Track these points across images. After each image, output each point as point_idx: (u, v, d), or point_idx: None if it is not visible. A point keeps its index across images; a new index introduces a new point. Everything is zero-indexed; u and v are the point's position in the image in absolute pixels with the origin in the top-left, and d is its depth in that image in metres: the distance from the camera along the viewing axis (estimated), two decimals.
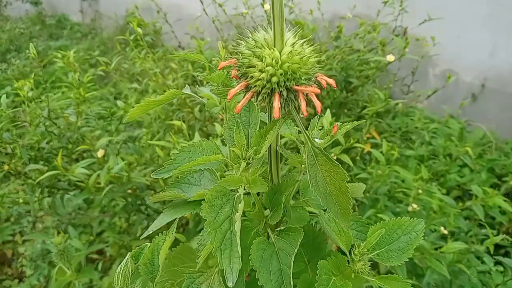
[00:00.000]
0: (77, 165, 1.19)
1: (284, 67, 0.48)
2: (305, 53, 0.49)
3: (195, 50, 2.03)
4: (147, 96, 1.89)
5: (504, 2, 2.72)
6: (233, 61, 0.53)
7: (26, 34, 4.83)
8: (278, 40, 0.48)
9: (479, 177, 2.52)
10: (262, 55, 0.48)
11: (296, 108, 0.50)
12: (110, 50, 4.57)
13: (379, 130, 1.83)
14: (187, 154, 0.52)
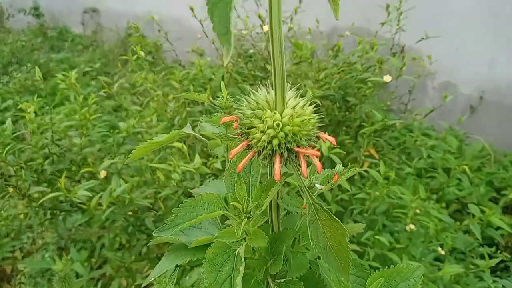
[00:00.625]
0: (79, 187, 1.21)
1: (285, 129, 0.49)
2: (306, 116, 0.50)
3: (195, 67, 2.06)
4: (148, 114, 1.91)
5: (501, 16, 2.76)
6: (235, 118, 0.55)
7: (28, 47, 4.87)
8: (280, 102, 0.50)
9: (478, 191, 2.53)
10: (263, 117, 0.50)
11: (296, 167, 0.52)
12: (111, 62, 4.61)
13: (378, 146, 1.85)
14: (189, 209, 0.54)
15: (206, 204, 0.54)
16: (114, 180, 1.23)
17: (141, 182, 1.41)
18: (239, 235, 0.50)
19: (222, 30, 0.40)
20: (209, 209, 0.55)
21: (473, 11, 2.88)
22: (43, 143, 1.33)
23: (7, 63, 4.73)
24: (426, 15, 3.03)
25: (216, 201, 0.54)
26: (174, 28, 4.60)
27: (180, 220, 0.52)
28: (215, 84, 2.01)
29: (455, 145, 2.98)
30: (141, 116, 2.11)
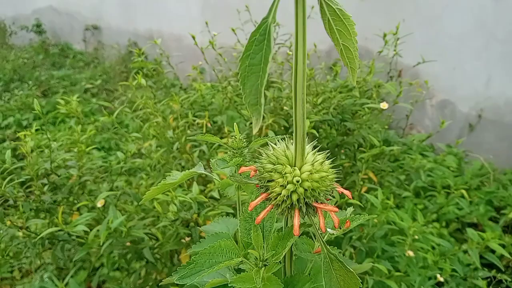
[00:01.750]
0: (77, 220, 1.22)
1: (305, 185, 0.51)
2: (324, 172, 0.52)
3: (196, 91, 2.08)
4: (147, 137, 1.92)
5: (497, 35, 2.79)
6: (253, 168, 0.57)
7: (29, 64, 4.92)
8: (299, 158, 0.51)
9: (477, 210, 2.52)
10: (283, 172, 0.51)
11: (313, 221, 0.53)
12: (112, 79, 4.64)
13: (376, 169, 1.85)
14: (208, 256, 0.55)
15: (224, 251, 0.56)
16: (111, 211, 1.23)
17: (139, 209, 1.41)
18: (259, 284, 0.51)
19: (253, 100, 0.43)
20: (227, 256, 0.57)
21: (470, 31, 2.91)
22: (41, 173, 1.34)
23: (9, 80, 4.78)
24: (423, 35, 3.07)
25: (234, 248, 0.56)
26: (175, 45, 4.65)
27: (200, 267, 0.54)
28: (214, 107, 2.03)
29: (455, 163, 2.98)
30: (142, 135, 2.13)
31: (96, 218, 1.41)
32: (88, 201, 1.26)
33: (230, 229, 0.89)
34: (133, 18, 4.88)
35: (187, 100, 1.80)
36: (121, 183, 1.53)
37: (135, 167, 1.52)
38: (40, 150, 1.50)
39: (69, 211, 1.38)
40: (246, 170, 0.60)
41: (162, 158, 1.59)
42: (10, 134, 3.92)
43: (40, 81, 4.67)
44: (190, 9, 4.18)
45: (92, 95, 4.54)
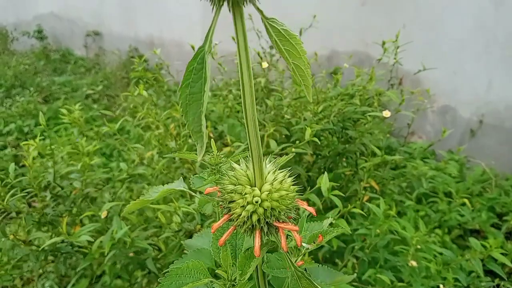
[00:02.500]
0: (81, 230, 1.22)
1: (264, 205, 0.51)
2: (284, 190, 0.52)
3: None
4: (149, 145, 1.93)
5: (497, 38, 2.79)
6: (217, 189, 0.57)
7: (31, 70, 4.93)
8: (258, 178, 0.52)
9: (480, 217, 2.52)
10: (243, 192, 0.51)
11: (278, 239, 0.53)
12: (113, 84, 4.65)
13: (378, 178, 1.85)
14: (175, 278, 0.55)
15: (192, 272, 0.56)
16: (115, 221, 1.23)
17: (142, 220, 1.41)
18: None
19: (196, 128, 0.43)
20: (195, 277, 0.57)
21: (470, 36, 2.92)
22: (44, 185, 1.34)
23: (10, 86, 4.79)
24: (424, 39, 3.08)
25: (202, 269, 0.56)
26: (176, 51, 4.67)
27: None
28: (215, 115, 2.03)
29: (456, 169, 2.98)
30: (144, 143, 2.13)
31: (99, 229, 1.41)
32: (92, 211, 1.26)
33: None
34: (134, 24, 4.90)
35: None
36: (124, 193, 1.53)
37: (137, 174, 1.52)
38: (43, 159, 1.50)
39: (71, 223, 1.38)
40: (211, 191, 0.60)
41: (164, 167, 1.59)
42: (12, 140, 3.92)
43: (41, 87, 4.68)
44: (191, 15, 4.20)
45: (93, 101, 4.55)
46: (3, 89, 4.82)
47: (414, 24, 3.14)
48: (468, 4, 2.84)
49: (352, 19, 3.36)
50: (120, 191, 1.47)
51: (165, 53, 4.70)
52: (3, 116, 4.20)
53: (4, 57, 5.66)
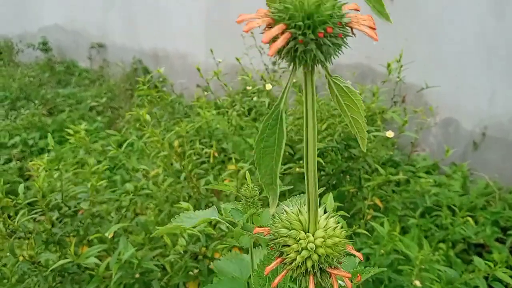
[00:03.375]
0: (88, 251, 1.23)
1: (319, 251, 0.53)
2: (338, 237, 0.54)
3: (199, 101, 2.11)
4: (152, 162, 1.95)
5: (499, 52, 2.81)
6: (267, 230, 0.59)
7: (35, 82, 4.99)
8: (312, 224, 0.53)
9: (484, 232, 2.52)
10: (297, 237, 0.53)
11: (328, 283, 0.55)
12: (117, 96, 4.69)
13: (382, 195, 1.86)
14: None
15: None
16: (122, 242, 1.25)
17: (147, 240, 1.43)
18: None
19: (268, 180, 0.45)
20: None
21: (472, 49, 2.94)
22: (52, 205, 1.36)
23: (15, 98, 4.84)
24: (426, 52, 3.10)
25: None
26: (179, 62, 4.71)
27: None
28: (219, 132, 2.05)
29: (460, 183, 2.98)
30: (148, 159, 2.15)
31: (105, 248, 1.42)
32: (99, 233, 1.27)
33: (243, 273, 0.90)
34: (138, 36, 4.95)
35: (192, 127, 1.82)
36: (129, 212, 1.55)
37: (144, 195, 1.54)
38: (50, 179, 1.52)
39: (78, 242, 1.39)
40: (260, 231, 0.61)
41: (169, 187, 1.61)
42: (16, 153, 3.95)
43: (46, 100, 4.72)
44: (194, 28, 4.24)
45: (97, 113, 4.59)
46: (8, 101, 4.86)
47: (416, 38, 3.16)
48: (469, 18, 2.87)
49: (355, 32, 3.39)
50: (127, 213, 1.49)
51: (169, 65, 4.74)
52: (8, 129, 4.23)
53: (9, 69, 5.72)
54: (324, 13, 0.42)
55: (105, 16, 5.25)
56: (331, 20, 0.42)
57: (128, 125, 4.31)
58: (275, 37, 0.41)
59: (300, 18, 0.41)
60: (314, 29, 0.41)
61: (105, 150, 1.87)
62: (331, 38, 0.43)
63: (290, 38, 0.41)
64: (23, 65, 5.93)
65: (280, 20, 0.42)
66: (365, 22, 0.51)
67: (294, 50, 0.42)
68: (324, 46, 0.42)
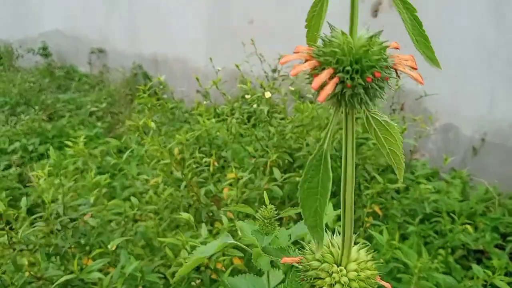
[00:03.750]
0: (91, 266, 1.24)
1: (352, 285, 0.52)
2: (369, 270, 0.54)
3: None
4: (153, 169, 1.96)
5: (499, 58, 2.82)
6: (298, 261, 0.58)
7: (35, 87, 5.00)
8: (345, 257, 0.54)
9: (483, 238, 2.52)
10: (330, 271, 0.53)
11: None
12: (117, 102, 4.70)
13: (381, 202, 1.87)
14: None
15: None
16: (123, 256, 1.25)
17: (148, 252, 1.43)
18: None
19: (312, 223, 0.45)
20: None
21: (471, 55, 2.95)
22: (55, 216, 1.37)
23: (15, 104, 4.85)
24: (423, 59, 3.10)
25: None
26: (179, 67, 4.73)
27: None
28: (219, 140, 2.07)
29: (459, 188, 2.99)
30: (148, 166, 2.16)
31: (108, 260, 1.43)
32: (102, 243, 1.28)
33: None
34: (138, 41, 4.96)
35: (192, 135, 1.84)
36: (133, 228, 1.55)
37: (146, 210, 1.55)
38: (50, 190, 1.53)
39: (80, 254, 1.40)
40: (289, 261, 0.61)
41: (169, 196, 1.62)
42: (16, 159, 3.96)
43: (46, 105, 4.73)
44: (194, 34, 4.25)
45: (97, 118, 4.60)
46: (8, 107, 4.88)
47: None
48: (468, 23, 2.88)
49: None
50: (127, 220, 1.50)
51: (169, 70, 4.76)
52: (8, 135, 4.24)
53: (9, 74, 5.73)
54: (372, 58, 0.42)
55: (105, 22, 5.27)
56: (378, 65, 0.42)
57: (128, 131, 4.32)
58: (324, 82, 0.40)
59: (348, 63, 0.41)
60: (362, 73, 0.41)
61: (104, 160, 1.87)
62: (378, 82, 0.43)
63: (338, 82, 0.41)
64: (23, 70, 5.95)
65: (327, 63, 0.41)
66: (407, 62, 0.48)
67: (341, 94, 0.42)
68: (371, 90, 0.42)
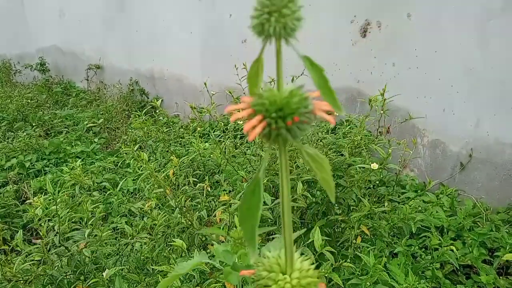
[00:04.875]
0: None
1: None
2: (310, 278, 0.61)
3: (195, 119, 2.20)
4: (148, 191, 2.01)
5: (485, 80, 2.90)
6: (252, 272, 0.68)
7: (33, 103, 5.06)
8: (289, 267, 0.61)
9: (471, 253, 2.59)
10: (276, 279, 0.61)
11: None
12: (113, 117, 4.77)
13: (369, 222, 1.93)
14: None
15: None
16: (118, 283, 1.31)
17: (142, 277, 1.49)
18: None
19: (249, 235, 0.55)
20: None
21: (458, 76, 3.04)
22: (50, 245, 1.42)
23: (13, 120, 4.90)
24: (413, 77, 3.20)
25: None
26: (176, 84, 4.81)
27: None
28: (211, 163, 2.13)
29: (448, 202, 3.06)
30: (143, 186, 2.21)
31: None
32: (97, 277, 1.34)
33: None
34: (135, 59, 5.05)
35: (186, 159, 1.90)
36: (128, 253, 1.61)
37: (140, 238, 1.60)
38: (47, 217, 1.58)
39: (76, 283, 1.45)
40: (246, 273, 0.70)
41: (164, 221, 1.67)
42: (13, 176, 4.00)
43: (43, 121, 4.79)
44: (190, 53, 4.34)
45: (94, 134, 4.65)
46: (5, 123, 4.93)
47: (403, 63, 3.27)
48: (456, 46, 2.97)
49: (345, 58, 3.50)
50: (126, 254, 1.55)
51: (165, 86, 4.84)
52: (5, 151, 4.29)
53: (7, 89, 5.79)
54: (292, 107, 0.53)
55: (103, 40, 5.35)
56: (297, 111, 0.53)
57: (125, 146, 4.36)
58: (254, 126, 0.52)
59: (273, 110, 0.53)
60: (284, 118, 0.52)
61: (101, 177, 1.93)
62: (297, 124, 0.54)
63: (266, 126, 0.53)
64: (21, 85, 6.01)
65: (259, 111, 0.53)
66: (325, 107, 0.62)
67: (269, 134, 0.53)
68: (293, 130, 0.53)
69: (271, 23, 0.46)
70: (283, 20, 0.46)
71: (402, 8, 3.21)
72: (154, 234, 1.59)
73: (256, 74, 0.58)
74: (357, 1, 3.45)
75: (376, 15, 3.38)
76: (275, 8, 0.46)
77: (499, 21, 2.78)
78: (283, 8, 0.46)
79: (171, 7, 4.45)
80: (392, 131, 3.24)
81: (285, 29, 0.46)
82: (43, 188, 3.84)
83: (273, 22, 0.46)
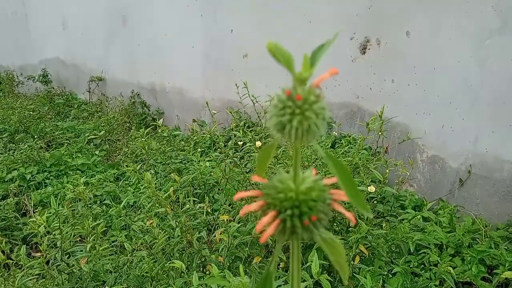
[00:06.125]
0: None
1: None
2: None
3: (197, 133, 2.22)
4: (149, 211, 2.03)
5: (483, 98, 2.93)
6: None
7: (35, 115, 5.09)
8: None
9: (470, 270, 2.59)
10: None
11: None
12: (115, 130, 4.80)
13: (367, 241, 1.95)
14: None
15: None
16: None
17: None
18: None
19: None
20: None
21: (457, 93, 3.07)
22: (52, 262, 1.43)
23: (14, 131, 4.93)
24: (412, 93, 3.24)
25: None
26: (177, 98, 4.85)
27: None
28: (212, 181, 2.15)
29: (447, 219, 3.07)
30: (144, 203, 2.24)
31: None
32: None
33: None
34: (137, 72, 5.10)
35: (187, 179, 1.92)
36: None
37: (140, 256, 1.62)
38: (49, 234, 1.60)
39: None
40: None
41: (164, 242, 1.69)
42: (14, 188, 4.01)
43: (44, 132, 4.82)
44: (192, 67, 4.39)
45: (95, 146, 4.68)
46: (6, 134, 4.96)
47: (402, 80, 3.31)
48: (454, 63, 3.01)
49: (344, 74, 3.54)
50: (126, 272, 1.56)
51: (167, 99, 4.88)
52: (6, 163, 4.30)
53: (9, 100, 5.84)
54: (309, 204, 0.46)
55: (105, 52, 5.41)
56: (315, 209, 0.47)
57: (126, 158, 4.40)
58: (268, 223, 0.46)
59: (289, 206, 0.46)
60: (301, 217, 0.46)
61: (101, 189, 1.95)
62: (315, 222, 0.48)
63: (280, 222, 0.46)
64: (23, 96, 6.06)
65: (273, 206, 0.47)
66: (343, 197, 0.53)
67: (283, 230, 0.47)
68: (309, 228, 0.48)
69: (292, 126, 0.40)
70: (306, 122, 0.41)
71: (401, 26, 3.26)
72: (155, 253, 1.61)
73: (267, 157, 0.54)
74: (357, 18, 3.50)
75: (376, 32, 3.42)
76: (298, 111, 0.40)
77: (497, 40, 2.82)
78: (307, 111, 0.41)
79: (173, 21, 4.51)
80: (391, 147, 3.27)
81: (307, 131, 0.41)
82: (43, 200, 3.85)
83: (295, 124, 0.40)
